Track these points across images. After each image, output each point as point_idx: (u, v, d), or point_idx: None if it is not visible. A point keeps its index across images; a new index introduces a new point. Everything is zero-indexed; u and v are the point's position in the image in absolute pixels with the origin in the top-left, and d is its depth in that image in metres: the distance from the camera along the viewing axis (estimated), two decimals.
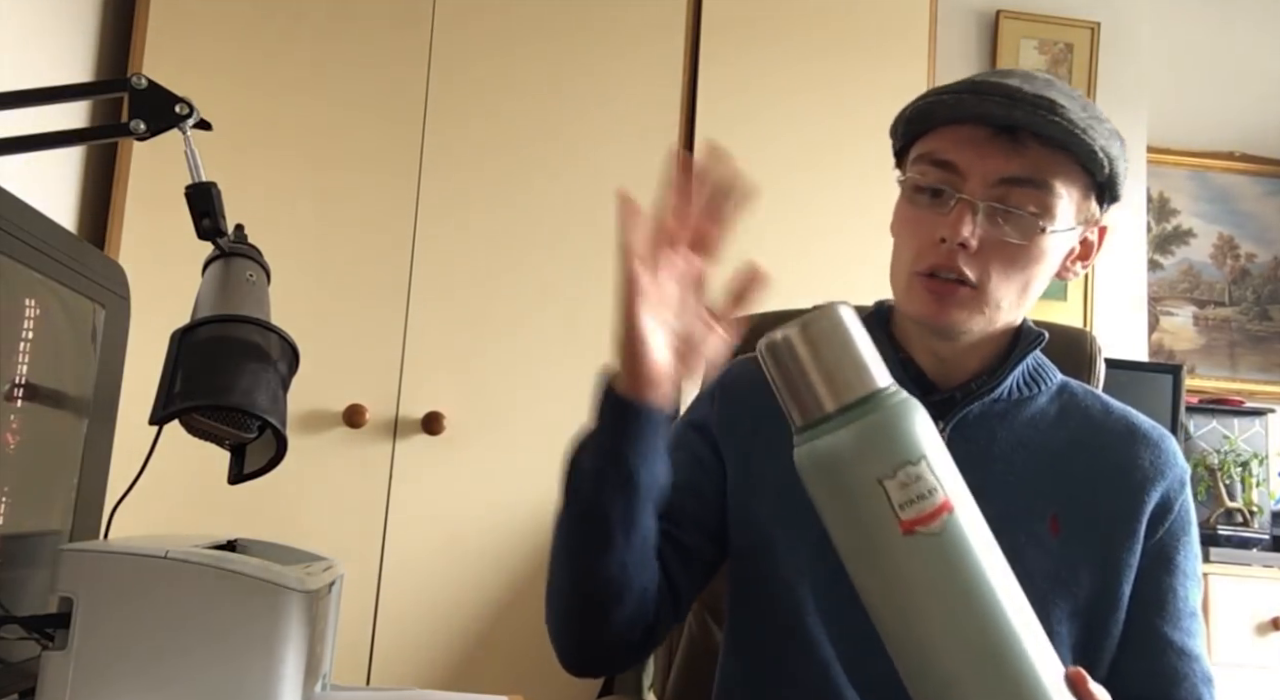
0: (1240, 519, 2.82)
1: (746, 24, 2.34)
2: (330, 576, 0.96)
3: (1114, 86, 3.09)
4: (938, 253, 1.00)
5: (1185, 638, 1.04)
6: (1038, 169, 0.99)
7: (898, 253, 1.06)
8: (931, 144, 1.03)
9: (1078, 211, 1.03)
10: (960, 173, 1.00)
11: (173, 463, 1.06)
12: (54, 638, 0.81)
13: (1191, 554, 1.07)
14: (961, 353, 1.06)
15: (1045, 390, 1.09)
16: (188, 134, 0.99)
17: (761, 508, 1.07)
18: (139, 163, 2.11)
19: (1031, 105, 0.97)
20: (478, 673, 2.10)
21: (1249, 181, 3.34)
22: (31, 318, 0.94)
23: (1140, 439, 1.08)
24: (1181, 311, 3.28)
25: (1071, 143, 0.98)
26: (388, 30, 2.23)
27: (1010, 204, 0.99)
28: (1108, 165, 1.02)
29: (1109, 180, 1.04)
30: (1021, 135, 0.98)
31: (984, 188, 0.99)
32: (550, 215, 2.22)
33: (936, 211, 1.01)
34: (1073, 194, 1.02)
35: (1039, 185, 0.99)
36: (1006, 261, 1.00)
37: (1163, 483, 1.06)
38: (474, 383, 2.16)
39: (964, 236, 0.98)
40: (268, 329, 0.93)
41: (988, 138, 0.99)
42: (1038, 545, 1.01)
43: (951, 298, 1.00)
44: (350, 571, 1.15)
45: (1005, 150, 0.99)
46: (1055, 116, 0.97)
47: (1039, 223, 0.99)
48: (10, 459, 0.92)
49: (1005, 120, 0.98)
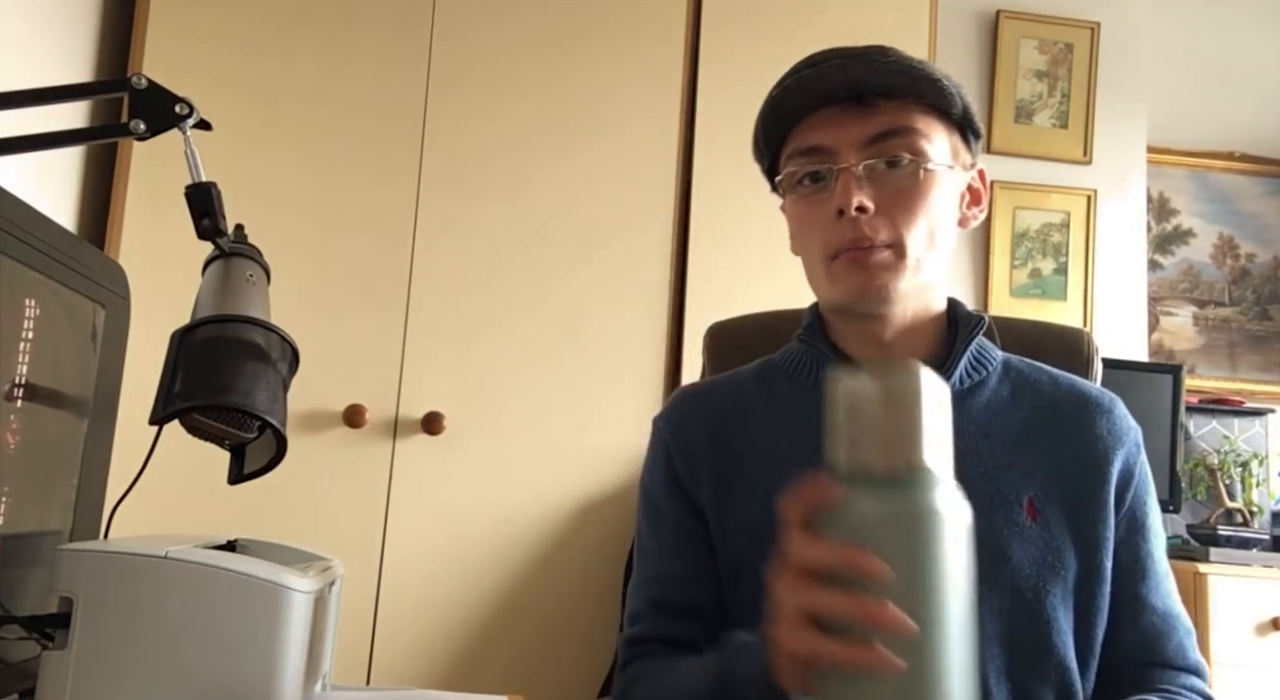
0: (1240, 519, 2.82)
1: (746, 24, 2.35)
2: (330, 576, 0.96)
3: (1114, 86, 3.09)
4: (842, 227, 1.01)
5: (1165, 599, 1.06)
6: (895, 120, 1.02)
7: (807, 253, 1.07)
8: (793, 141, 1.06)
9: (950, 152, 1.06)
10: (829, 151, 1.03)
11: (173, 463, 1.06)
12: (54, 638, 0.81)
13: (1156, 512, 1.09)
14: (902, 337, 1.06)
15: (992, 372, 1.10)
16: (188, 134, 0.99)
17: (747, 560, 1.05)
18: (139, 163, 2.11)
19: (863, 54, 1.02)
20: (478, 673, 2.10)
21: (1249, 181, 3.35)
22: (31, 318, 0.94)
23: (1093, 407, 1.09)
24: (1181, 311, 3.28)
25: (915, 85, 1.02)
26: (388, 30, 2.23)
27: (884, 157, 1.02)
28: (957, 97, 1.05)
29: (964, 114, 1.06)
30: (868, 98, 1.02)
31: (855, 153, 1.02)
32: (550, 215, 2.22)
33: (823, 193, 1.03)
34: (937, 133, 1.04)
35: (903, 132, 1.02)
36: (906, 209, 1.01)
37: (1121, 450, 1.07)
38: (474, 383, 2.16)
39: (859, 200, 1.00)
40: (268, 329, 0.93)
41: (840, 112, 1.03)
42: (1020, 533, 1.01)
43: (869, 260, 1.01)
44: (350, 571, 1.15)
45: (860, 115, 1.02)
46: (889, 58, 1.02)
47: (917, 164, 1.02)
48: (10, 459, 0.92)
49: (848, 87, 1.02)
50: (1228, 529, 2.75)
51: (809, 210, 1.05)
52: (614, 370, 2.20)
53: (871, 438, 0.70)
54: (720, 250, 2.27)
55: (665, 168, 2.27)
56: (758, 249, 2.26)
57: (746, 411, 1.11)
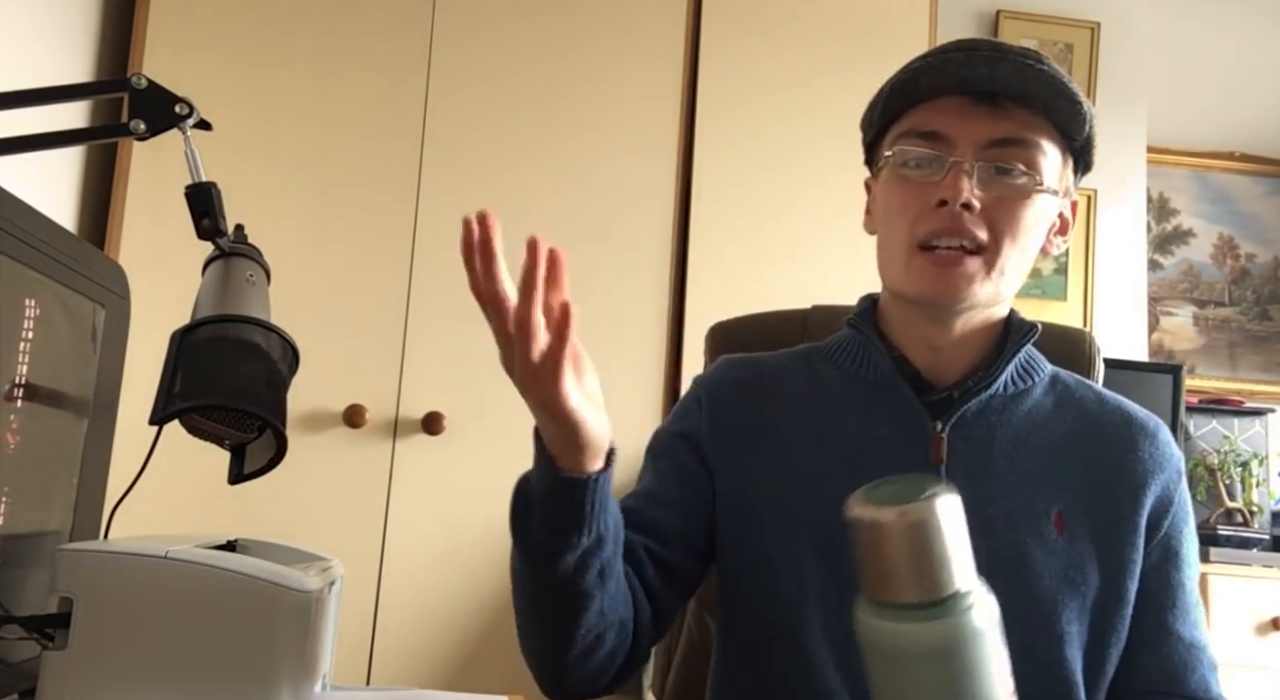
0: (1240, 519, 2.82)
1: (746, 24, 2.35)
2: (330, 576, 0.96)
3: (1114, 86, 3.09)
4: (939, 218, 0.98)
5: (1193, 630, 1.04)
6: (1023, 129, 1.00)
7: (891, 230, 1.03)
8: (913, 120, 1.03)
9: (1059, 176, 1.04)
10: (948, 140, 1.00)
11: (173, 463, 1.06)
12: (54, 638, 0.81)
13: (1192, 542, 1.07)
14: (957, 343, 1.05)
15: (1039, 382, 1.09)
16: (188, 134, 0.99)
17: (759, 525, 1.04)
18: (139, 163, 2.11)
19: (1017, 53, 0.99)
20: (478, 673, 2.10)
21: (1249, 181, 3.34)
22: (31, 318, 0.94)
23: (1137, 430, 1.08)
24: (1181, 311, 3.28)
25: (1052, 100, 1.00)
26: (388, 30, 2.23)
27: (1002, 163, 0.99)
28: (1087, 125, 1.03)
29: (1086, 143, 1.04)
30: (1001, 101, 1.00)
31: (974, 151, 0.99)
32: (551, 213, 2.21)
33: (929, 180, 1.00)
34: (1054, 155, 1.02)
35: (1026, 144, 1.00)
36: (1010, 220, 0.99)
37: (1161, 476, 1.05)
38: (474, 383, 2.16)
39: (966, 196, 0.97)
40: (268, 329, 0.93)
41: (970, 105, 1.00)
42: (1044, 545, 1.00)
43: (956, 268, 0.99)
44: (350, 571, 1.15)
45: (989, 115, 1.00)
46: (1042, 66, 0.99)
47: (1032, 179, 1.00)
48: (10, 459, 0.92)
49: (988, 83, 0.99)
50: (1228, 529, 2.75)
51: (909, 193, 1.01)
52: (614, 370, 2.19)
53: (901, 571, 0.70)
54: (720, 250, 2.27)
55: (665, 167, 2.27)
56: (758, 248, 2.26)
57: (785, 386, 1.10)
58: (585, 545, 0.87)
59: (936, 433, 1.02)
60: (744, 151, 2.29)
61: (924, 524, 0.70)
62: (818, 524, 0.99)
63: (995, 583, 0.90)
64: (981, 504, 1.00)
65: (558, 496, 0.86)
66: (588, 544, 0.87)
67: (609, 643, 0.95)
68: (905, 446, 1.03)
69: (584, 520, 0.86)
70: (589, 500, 0.85)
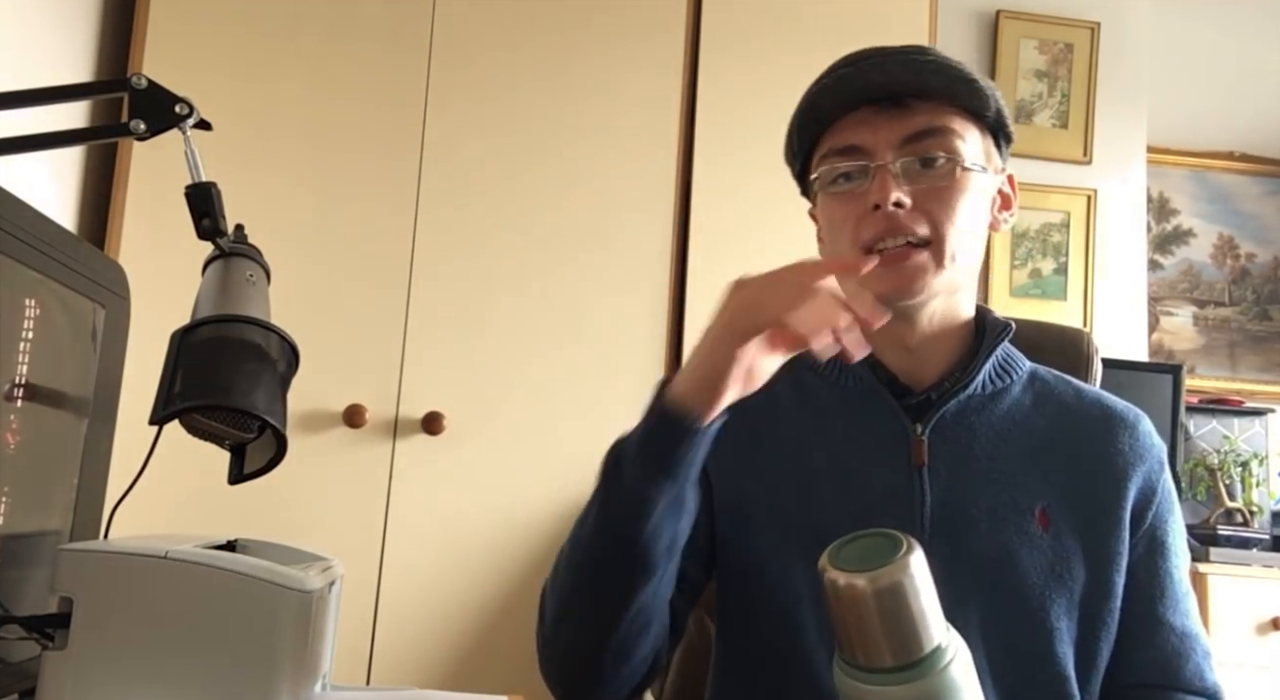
0: (1240, 519, 2.82)
1: (746, 24, 2.35)
2: (330, 576, 0.96)
3: (1114, 86, 3.09)
4: (876, 221, 1.01)
5: (1184, 619, 1.05)
6: (931, 120, 1.03)
7: (838, 245, 1.06)
8: (829, 141, 1.06)
9: (984, 154, 1.06)
10: (865, 150, 1.03)
11: (173, 463, 1.06)
12: (54, 638, 0.81)
13: (1179, 532, 1.08)
14: (928, 341, 1.06)
15: (1017, 380, 1.09)
16: (188, 134, 0.99)
17: (753, 531, 1.05)
18: (139, 163, 2.11)
19: (901, 53, 1.03)
20: (478, 673, 2.10)
21: (1249, 181, 3.35)
22: (31, 318, 0.94)
23: (1117, 422, 1.08)
24: (1181, 311, 3.28)
25: (950, 86, 1.03)
26: (388, 30, 2.23)
27: (920, 155, 1.02)
28: (992, 100, 1.05)
29: (998, 117, 1.07)
30: (903, 99, 1.02)
31: (891, 152, 1.02)
32: (551, 215, 2.22)
33: (859, 190, 1.03)
34: (971, 135, 1.05)
35: (940, 132, 1.03)
36: (945, 207, 1.01)
37: (1143, 467, 1.06)
38: (474, 383, 2.16)
39: (896, 196, 1.00)
40: (268, 329, 0.93)
41: (875, 112, 1.03)
42: (1030, 541, 1.01)
43: (906, 262, 1.01)
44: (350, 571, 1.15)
45: (896, 115, 1.02)
46: (929, 56, 1.03)
47: (955, 163, 1.02)
48: (10, 459, 0.92)
49: (885, 87, 1.02)
50: (1228, 529, 2.75)
51: (843, 206, 1.04)
52: (614, 370, 2.20)
53: (878, 637, 0.71)
54: (720, 250, 2.27)
55: (666, 167, 2.27)
56: (758, 248, 2.26)
57: (772, 394, 1.10)
58: (667, 500, 0.87)
59: (917, 435, 1.04)
60: (744, 153, 2.29)
61: (897, 587, 0.71)
62: (808, 530, 1.00)
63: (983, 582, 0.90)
64: (965, 504, 1.01)
65: (661, 433, 0.87)
66: (668, 500, 0.87)
67: (650, 637, 0.96)
68: (887, 450, 1.04)
69: (676, 467, 0.87)
70: (687, 444, 0.86)
